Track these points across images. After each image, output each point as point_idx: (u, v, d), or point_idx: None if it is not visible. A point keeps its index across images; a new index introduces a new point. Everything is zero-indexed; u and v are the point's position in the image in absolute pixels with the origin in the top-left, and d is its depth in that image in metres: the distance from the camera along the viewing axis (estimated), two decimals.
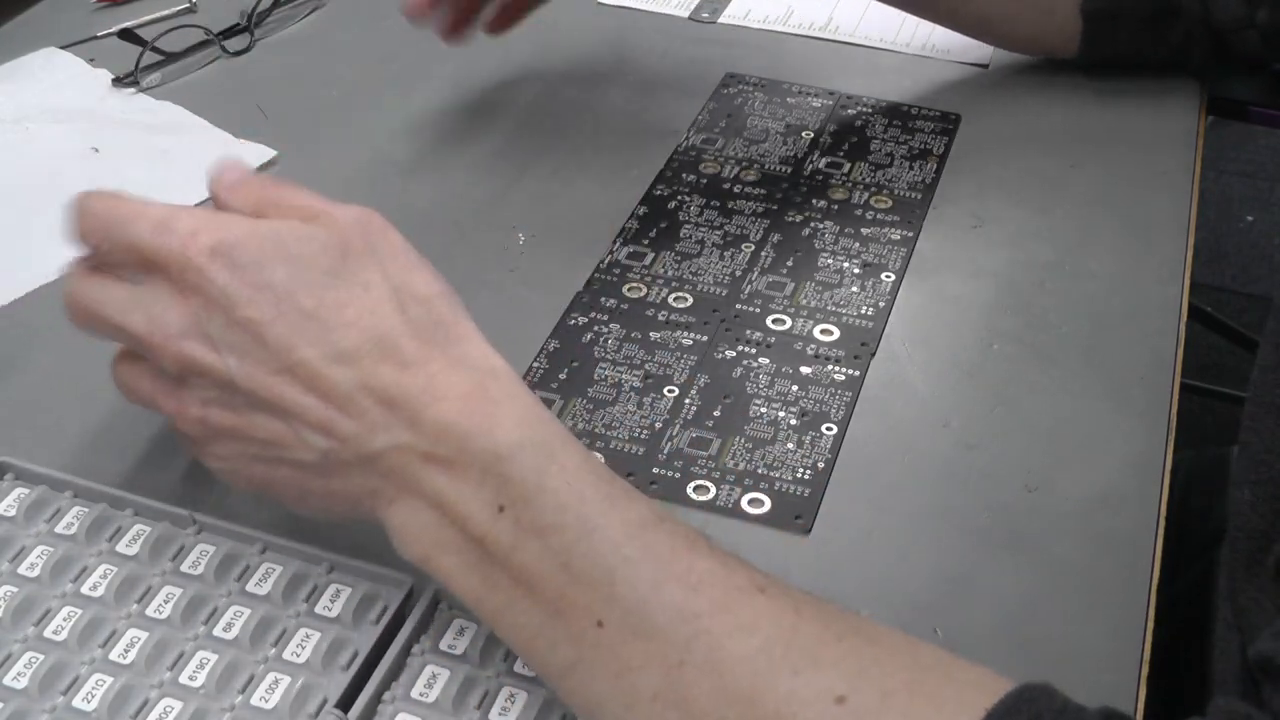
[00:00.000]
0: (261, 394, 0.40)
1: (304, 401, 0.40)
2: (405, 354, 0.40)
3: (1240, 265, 1.85)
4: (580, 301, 0.60)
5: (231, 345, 0.40)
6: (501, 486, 0.39)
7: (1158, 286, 0.61)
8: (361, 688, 0.42)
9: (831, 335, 0.58)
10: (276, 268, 0.40)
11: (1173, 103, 0.74)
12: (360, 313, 0.41)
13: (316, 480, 0.42)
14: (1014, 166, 0.69)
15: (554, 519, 0.38)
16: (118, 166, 0.69)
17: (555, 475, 0.39)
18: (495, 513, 0.39)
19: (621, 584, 0.37)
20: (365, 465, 0.41)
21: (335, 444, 0.40)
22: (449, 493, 0.39)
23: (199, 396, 0.42)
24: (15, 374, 0.56)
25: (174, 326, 0.41)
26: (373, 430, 0.40)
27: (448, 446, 0.39)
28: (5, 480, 0.49)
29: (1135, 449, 0.53)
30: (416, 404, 0.40)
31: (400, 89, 0.76)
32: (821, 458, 0.52)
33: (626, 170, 0.69)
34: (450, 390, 0.40)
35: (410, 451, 0.40)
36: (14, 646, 0.43)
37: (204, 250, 0.40)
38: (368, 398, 0.40)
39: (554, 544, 0.38)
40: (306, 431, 0.41)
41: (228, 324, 0.40)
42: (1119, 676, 0.44)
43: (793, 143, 0.70)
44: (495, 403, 0.40)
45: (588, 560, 0.38)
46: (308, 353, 0.40)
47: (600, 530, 0.38)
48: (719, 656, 0.36)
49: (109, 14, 0.82)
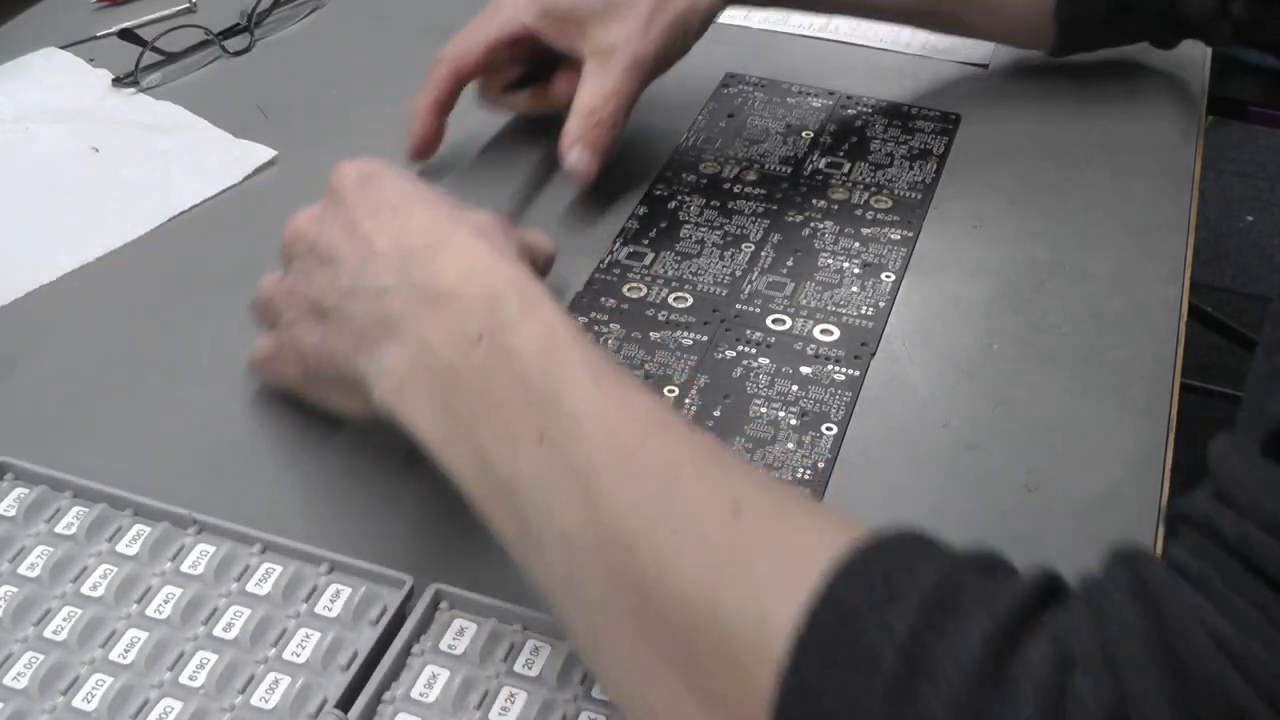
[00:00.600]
0: (324, 246, 0.48)
1: (347, 249, 0.47)
2: (444, 229, 0.46)
3: (1240, 265, 1.85)
4: (580, 301, 0.60)
5: (332, 215, 0.48)
6: (485, 317, 0.42)
7: (1158, 286, 0.61)
8: (361, 688, 0.42)
9: (831, 335, 0.58)
10: (402, 184, 0.48)
11: (1173, 103, 0.74)
12: (437, 211, 0.47)
13: (334, 335, 0.47)
14: (1014, 166, 0.69)
15: (524, 345, 0.41)
16: (118, 166, 0.69)
17: (537, 315, 0.42)
18: (473, 341, 0.42)
19: (568, 404, 0.40)
20: (372, 306, 0.45)
21: (354, 281, 0.46)
22: (433, 326, 0.43)
23: (295, 270, 0.49)
24: (15, 374, 0.56)
25: (307, 214, 0.50)
26: (386, 269, 0.45)
27: (446, 283, 0.43)
28: (5, 480, 0.49)
29: (1135, 449, 0.53)
30: (435, 249, 0.45)
31: (400, 89, 0.75)
32: (821, 458, 0.52)
33: (626, 170, 0.69)
34: (468, 244, 0.45)
35: (412, 290, 0.44)
36: (14, 646, 0.43)
37: (352, 163, 0.50)
38: (397, 246, 0.46)
39: (518, 366, 0.41)
40: (339, 272, 0.46)
41: (338, 202, 0.48)
42: None
43: (793, 143, 0.70)
44: (504, 259, 0.44)
45: (544, 384, 0.40)
46: (374, 220, 0.47)
47: (566, 361, 0.41)
48: (638, 465, 0.38)
49: (109, 14, 0.82)
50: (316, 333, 0.48)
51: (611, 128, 0.63)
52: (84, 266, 0.62)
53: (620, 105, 0.63)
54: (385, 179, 0.49)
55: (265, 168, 0.69)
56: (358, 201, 0.48)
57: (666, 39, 0.64)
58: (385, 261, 0.45)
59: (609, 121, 0.63)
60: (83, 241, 0.63)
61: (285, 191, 0.67)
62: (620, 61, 0.63)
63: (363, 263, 0.46)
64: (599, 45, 0.63)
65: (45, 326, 0.59)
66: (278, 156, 0.69)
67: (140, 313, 0.60)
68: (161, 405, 0.54)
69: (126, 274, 0.62)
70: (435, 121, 0.66)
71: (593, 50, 0.63)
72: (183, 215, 0.66)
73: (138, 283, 0.61)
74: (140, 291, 0.61)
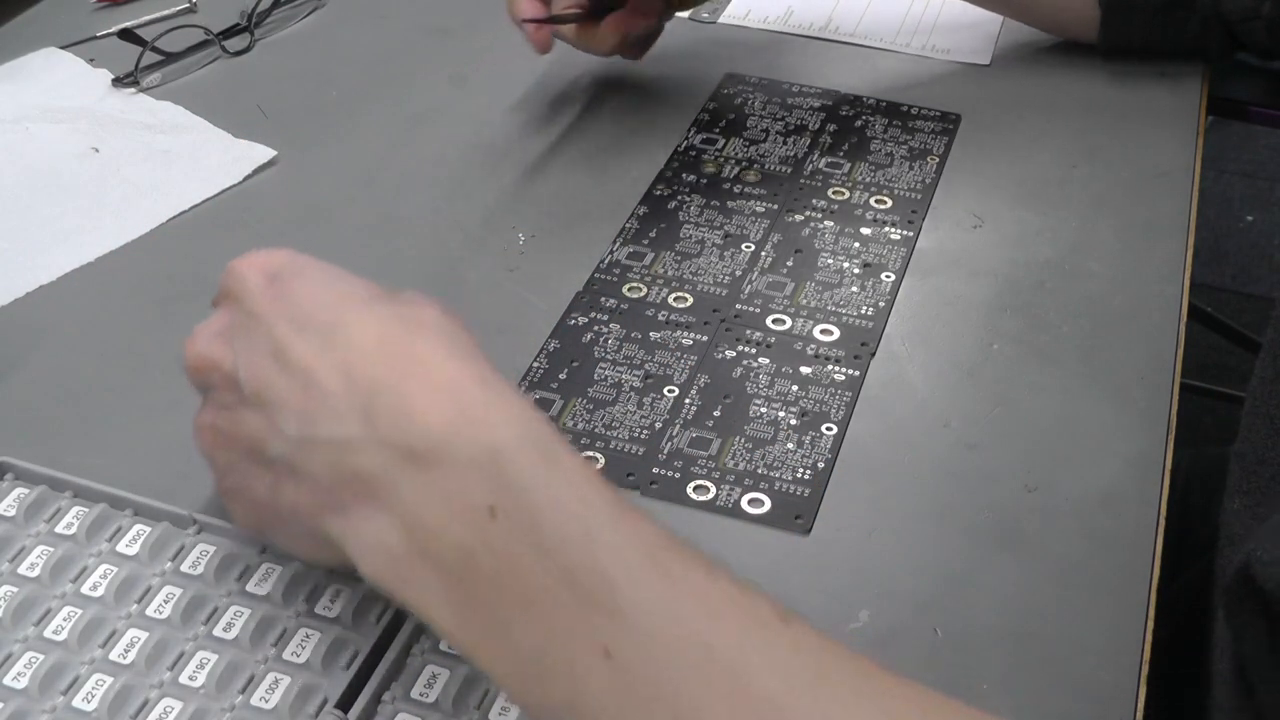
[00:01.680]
0: (249, 381, 0.39)
1: (283, 385, 0.38)
2: (406, 348, 0.38)
3: (1240, 265, 1.85)
4: (580, 301, 0.60)
5: (243, 335, 0.40)
6: (495, 487, 0.35)
7: (1158, 286, 0.61)
8: (361, 688, 0.42)
9: (831, 335, 0.58)
10: (317, 280, 0.41)
11: (1173, 103, 0.74)
12: (376, 315, 0.39)
13: (289, 487, 0.39)
14: (1014, 166, 0.69)
15: (555, 525, 0.34)
16: (118, 166, 0.69)
17: (557, 477, 0.35)
18: (485, 517, 0.34)
19: (632, 608, 0.33)
20: (336, 459, 0.37)
21: (306, 430, 0.37)
22: (428, 497, 0.35)
23: (212, 404, 0.42)
24: (15, 374, 0.56)
25: (206, 330, 0.42)
26: (348, 414, 0.36)
27: (432, 438, 0.35)
28: (5, 480, 0.49)
29: (1135, 449, 0.53)
30: (403, 388, 0.36)
31: (400, 89, 0.76)
32: (821, 458, 0.52)
33: (626, 170, 0.69)
34: (442, 378, 0.37)
35: (387, 445, 0.36)
36: (14, 646, 0.43)
37: (250, 261, 0.42)
38: (350, 381, 0.37)
39: (554, 553, 0.34)
40: (281, 418, 0.38)
41: (247, 316, 0.40)
42: (1119, 676, 0.44)
43: (793, 143, 0.70)
44: (493, 392, 0.37)
45: (592, 575, 0.33)
46: (304, 339, 0.38)
47: (607, 542, 0.34)
48: (743, 696, 0.32)
49: (109, 14, 0.82)
50: (264, 481, 0.40)
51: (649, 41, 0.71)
52: (84, 266, 0.62)
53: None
54: (295, 278, 0.41)
55: (265, 168, 0.69)
56: (274, 315, 0.39)
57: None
58: (339, 405, 0.37)
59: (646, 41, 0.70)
60: (83, 241, 0.63)
61: (285, 191, 0.67)
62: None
63: (310, 406, 0.37)
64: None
65: (45, 326, 0.59)
66: (278, 156, 0.69)
67: (140, 313, 0.60)
68: (161, 405, 0.54)
69: (126, 274, 0.62)
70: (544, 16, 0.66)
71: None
72: (183, 215, 0.66)
73: (138, 283, 0.61)
74: (140, 291, 0.61)
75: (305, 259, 0.42)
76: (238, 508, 0.43)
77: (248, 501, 0.42)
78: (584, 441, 0.52)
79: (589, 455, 0.52)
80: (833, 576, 0.48)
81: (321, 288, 0.40)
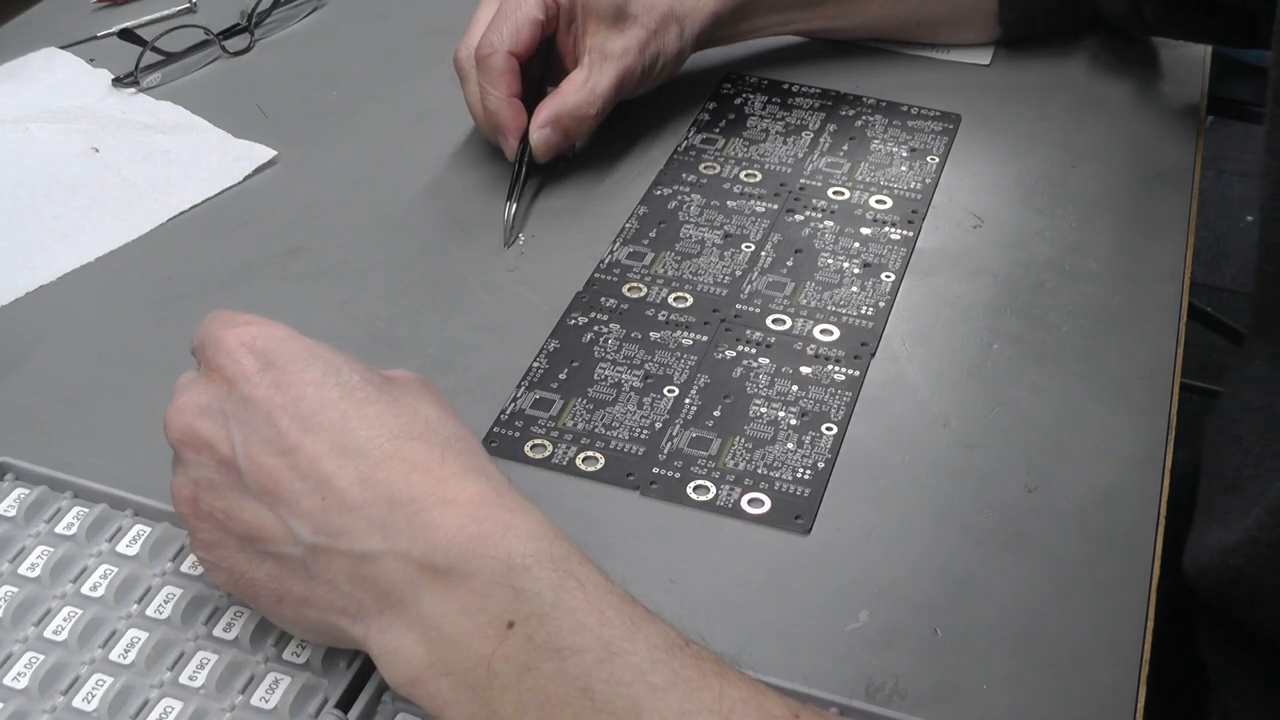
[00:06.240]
0: (255, 475, 0.39)
1: (296, 487, 0.38)
2: (417, 456, 0.38)
3: (1240, 265, 1.85)
4: (580, 301, 0.60)
5: (241, 422, 0.40)
6: (513, 600, 0.36)
7: (1158, 286, 0.61)
8: (361, 688, 0.42)
9: (831, 335, 0.58)
10: (309, 363, 0.40)
11: (1173, 103, 0.74)
12: (381, 414, 0.39)
13: (297, 583, 0.39)
14: (1014, 166, 0.69)
15: (573, 639, 0.35)
16: (118, 166, 0.69)
17: (574, 591, 0.36)
18: (504, 629, 0.35)
19: (649, 716, 0.34)
20: (353, 570, 0.38)
21: (322, 539, 0.38)
22: (448, 610, 0.36)
23: (194, 476, 0.41)
24: (15, 374, 0.56)
25: (194, 402, 0.41)
26: (368, 528, 0.37)
27: (452, 555, 0.36)
28: (5, 480, 0.49)
29: (1135, 449, 0.53)
30: (421, 503, 0.37)
31: (400, 89, 0.76)
32: (821, 458, 0.52)
33: (626, 170, 0.69)
34: (460, 494, 0.38)
35: (407, 560, 0.37)
36: (14, 646, 0.43)
37: (241, 338, 0.41)
38: (367, 492, 0.38)
39: (573, 667, 0.35)
40: (294, 521, 0.38)
41: (243, 401, 0.40)
42: (1119, 676, 0.44)
43: (793, 143, 0.70)
44: (509, 510, 0.38)
45: (610, 687, 0.34)
46: (313, 439, 0.38)
47: (624, 654, 0.35)
48: None
49: (109, 14, 0.82)
50: (262, 568, 0.40)
51: (590, 126, 0.66)
52: (84, 266, 0.62)
53: (604, 110, 0.66)
54: (291, 364, 0.40)
55: (265, 168, 0.69)
56: (274, 406, 0.39)
57: (648, 69, 0.67)
58: (358, 518, 0.38)
59: (591, 121, 0.65)
60: (83, 241, 0.63)
61: (285, 191, 0.67)
62: (614, 69, 0.65)
63: (327, 515, 0.38)
64: (601, 48, 0.65)
65: (45, 326, 0.59)
66: (278, 156, 0.69)
67: (140, 313, 0.60)
68: (161, 405, 0.54)
69: (126, 274, 0.62)
70: (521, 109, 0.65)
71: (593, 49, 0.65)
72: (183, 215, 0.66)
73: (138, 283, 0.61)
74: (140, 291, 0.61)
75: (291, 339, 0.41)
76: (219, 577, 0.42)
77: (235, 576, 0.41)
78: (584, 441, 0.53)
79: (589, 455, 0.52)
80: (833, 576, 0.48)
81: (318, 378, 0.40)
